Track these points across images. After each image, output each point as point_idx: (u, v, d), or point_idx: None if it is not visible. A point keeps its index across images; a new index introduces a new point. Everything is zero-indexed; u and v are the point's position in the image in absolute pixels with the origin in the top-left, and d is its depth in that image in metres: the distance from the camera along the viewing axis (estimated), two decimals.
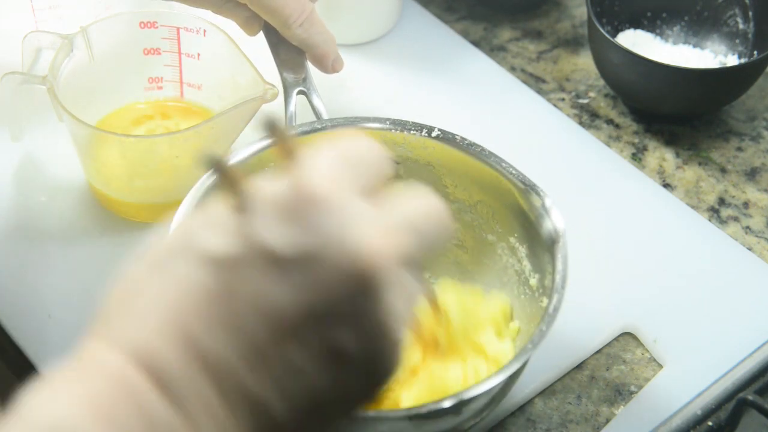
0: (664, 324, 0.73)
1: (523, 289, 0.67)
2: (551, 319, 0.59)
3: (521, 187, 0.65)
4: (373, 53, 0.91)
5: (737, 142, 0.87)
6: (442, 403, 0.56)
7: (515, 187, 0.66)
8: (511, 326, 0.68)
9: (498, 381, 0.57)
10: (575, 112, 0.89)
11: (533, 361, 0.68)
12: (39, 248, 0.76)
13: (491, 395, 0.60)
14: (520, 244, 0.67)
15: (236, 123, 0.74)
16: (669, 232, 0.79)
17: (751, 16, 0.89)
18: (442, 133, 0.69)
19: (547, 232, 0.63)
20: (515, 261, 0.68)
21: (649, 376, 0.71)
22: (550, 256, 0.63)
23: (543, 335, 0.58)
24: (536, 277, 0.65)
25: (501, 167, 0.67)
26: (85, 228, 0.77)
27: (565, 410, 0.69)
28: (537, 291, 0.65)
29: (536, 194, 0.65)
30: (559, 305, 0.59)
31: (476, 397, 0.57)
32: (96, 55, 0.77)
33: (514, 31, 0.96)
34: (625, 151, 0.86)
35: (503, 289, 0.69)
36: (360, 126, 0.70)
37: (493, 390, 0.59)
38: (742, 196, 0.83)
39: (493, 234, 0.69)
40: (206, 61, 0.79)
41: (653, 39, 0.91)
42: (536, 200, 0.64)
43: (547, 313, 0.59)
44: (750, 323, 0.73)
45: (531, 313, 0.65)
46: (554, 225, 0.63)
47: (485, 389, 0.57)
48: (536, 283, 0.65)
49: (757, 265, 0.77)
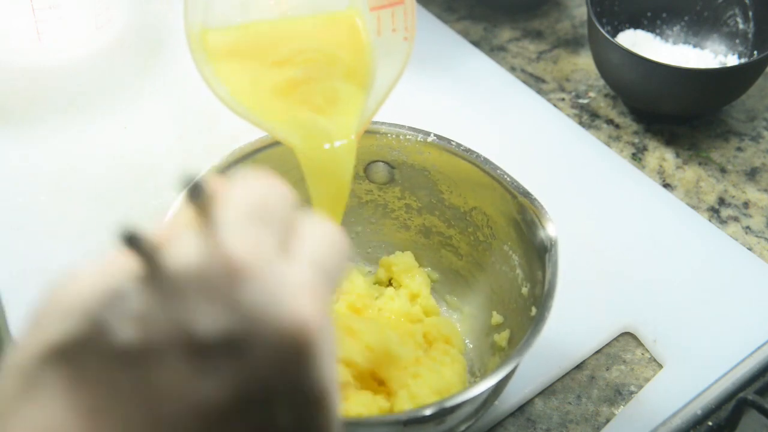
0: (664, 324, 0.73)
1: (515, 298, 0.67)
2: (538, 328, 0.58)
3: (515, 194, 0.65)
4: None
5: (737, 142, 0.87)
6: (423, 411, 0.55)
7: (510, 194, 0.65)
8: (502, 335, 0.68)
9: (483, 389, 0.57)
10: (575, 112, 0.89)
11: (533, 362, 0.68)
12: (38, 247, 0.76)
13: (477, 403, 0.60)
14: (513, 252, 0.67)
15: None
16: (669, 232, 0.79)
17: (751, 16, 0.89)
18: (438, 138, 0.69)
19: (540, 240, 0.63)
20: (508, 269, 0.68)
21: (649, 376, 0.71)
22: (541, 265, 0.62)
23: (529, 344, 0.58)
24: (528, 285, 0.65)
25: (496, 174, 0.66)
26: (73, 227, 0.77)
27: (565, 410, 0.69)
28: (528, 300, 0.64)
29: (530, 202, 0.64)
30: (546, 315, 0.59)
31: (460, 405, 0.57)
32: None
33: (514, 31, 0.96)
34: (625, 151, 0.86)
35: (495, 298, 0.69)
36: None
37: (479, 398, 0.59)
38: (742, 196, 0.83)
39: (487, 241, 0.69)
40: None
41: (653, 39, 0.91)
42: (530, 208, 0.64)
43: (535, 323, 0.59)
44: (750, 323, 0.73)
45: (521, 322, 0.65)
46: (547, 234, 0.62)
47: (469, 397, 0.56)
48: (528, 292, 0.65)
49: (757, 265, 0.77)
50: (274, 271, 0.36)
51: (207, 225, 0.37)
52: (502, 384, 0.61)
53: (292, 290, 0.36)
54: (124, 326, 0.34)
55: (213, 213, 0.37)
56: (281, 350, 0.35)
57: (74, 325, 0.35)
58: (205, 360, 0.34)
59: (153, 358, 0.34)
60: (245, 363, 0.35)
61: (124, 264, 0.36)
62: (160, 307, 0.35)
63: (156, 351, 0.34)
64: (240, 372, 0.35)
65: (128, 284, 0.35)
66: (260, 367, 0.35)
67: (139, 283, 0.35)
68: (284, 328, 0.35)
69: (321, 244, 0.40)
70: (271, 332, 0.35)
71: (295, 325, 0.36)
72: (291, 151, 0.60)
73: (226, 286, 0.35)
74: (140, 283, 0.35)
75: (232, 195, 0.38)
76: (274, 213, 0.39)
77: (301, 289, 0.37)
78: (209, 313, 0.35)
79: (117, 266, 0.36)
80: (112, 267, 0.36)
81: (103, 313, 0.35)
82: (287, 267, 0.37)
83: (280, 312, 0.35)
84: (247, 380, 0.35)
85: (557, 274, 0.61)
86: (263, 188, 0.39)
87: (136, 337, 0.34)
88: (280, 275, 0.36)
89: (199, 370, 0.34)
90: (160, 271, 0.35)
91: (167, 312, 0.35)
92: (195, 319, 0.34)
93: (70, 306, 0.35)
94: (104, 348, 0.34)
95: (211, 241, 0.36)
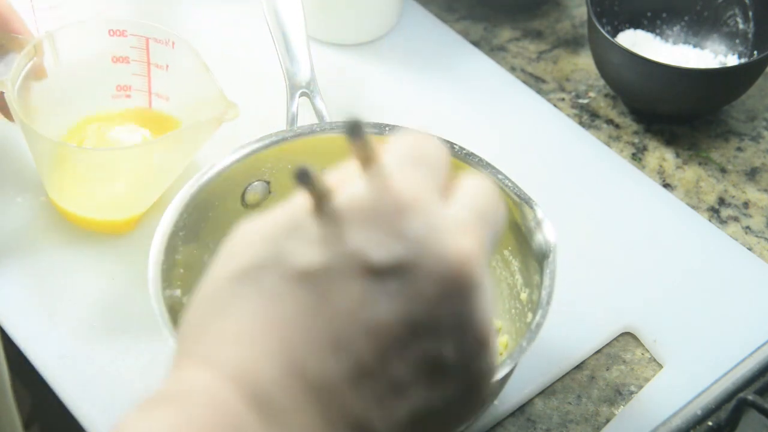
0: (664, 324, 0.73)
1: (513, 303, 0.67)
2: (533, 335, 0.58)
3: (515, 200, 0.65)
4: (373, 53, 0.91)
5: (737, 142, 0.87)
6: None
7: (510, 199, 0.65)
8: (499, 340, 0.68)
9: None
10: (575, 112, 0.89)
11: (533, 362, 0.68)
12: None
13: None
14: (513, 257, 0.67)
15: (193, 140, 0.73)
16: (669, 233, 0.79)
17: (751, 16, 0.89)
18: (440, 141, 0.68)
19: (539, 245, 0.62)
20: (508, 274, 0.67)
21: (649, 376, 0.71)
22: (540, 271, 0.62)
23: (523, 351, 0.58)
24: (527, 291, 0.65)
25: (497, 179, 0.66)
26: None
27: (565, 410, 0.69)
28: (527, 306, 0.64)
29: (529, 207, 0.64)
30: (542, 321, 0.59)
31: None
32: (62, 61, 0.76)
33: (514, 31, 0.96)
34: (625, 151, 0.86)
35: (494, 303, 0.69)
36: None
37: None
38: (742, 196, 0.83)
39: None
40: (174, 72, 0.78)
41: (653, 39, 0.91)
42: (529, 213, 0.64)
43: (530, 329, 0.59)
44: (750, 323, 0.73)
45: (519, 328, 0.65)
46: (545, 239, 0.62)
47: None
48: (526, 298, 0.65)
49: (757, 265, 0.77)
50: (438, 208, 0.39)
51: (373, 167, 0.40)
52: (497, 387, 0.61)
53: (454, 227, 0.39)
54: (305, 250, 0.38)
55: (378, 157, 0.40)
56: (446, 279, 0.38)
57: (259, 251, 0.39)
58: (378, 283, 0.38)
59: (331, 278, 0.38)
60: (414, 287, 0.38)
61: (300, 205, 0.39)
62: (336, 234, 0.38)
63: (334, 272, 0.38)
64: (409, 295, 0.38)
65: (306, 216, 0.39)
66: (427, 293, 0.38)
67: (317, 215, 0.39)
68: (449, 259, 0.38)
69: (477, 194, 0.42)
70: (436, 261, 0.38)
71: (459, 258, 0.38)
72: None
73: (395, 218, 0.38)
74: (317, 215, 0.39)
75: (393, 144, 0.42)
76: (433, 161, 0.42)
77: (463, 228, 0.39)
78: (381, 240, 0.38)
79: (295, 204, 0.40)
80: (291, 205, 0.40)
81: (284, 240, 0.39)
82: (449, 207, 0.40)
83: (445, 245, 0.38)
84: (415, 303, 0.38)
85: (555, 280, 0.61)
86: (422, 139, 0.43)
87: (316, 260, 0.38)
88: (444, 213, 0.39)
89: (373, 292, 0.38)
90: (334, 206, 0.38)
91: (343, 239, 0.38)
92: (368, 246, 0.38)
93: (256, 237, 0.39)
94: (288, 268, 0.38)
95: (379, 180, 0.39)
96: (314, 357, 0.37)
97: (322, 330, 0.38)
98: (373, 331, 0.38)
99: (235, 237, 0.40)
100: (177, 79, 0.78)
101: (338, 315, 0.38)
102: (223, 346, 0.38)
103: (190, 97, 0.76)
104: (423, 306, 0.38)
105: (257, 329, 0.38)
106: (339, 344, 0.37)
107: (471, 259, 0.38)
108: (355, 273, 0.38)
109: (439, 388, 0.39)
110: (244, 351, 0.38)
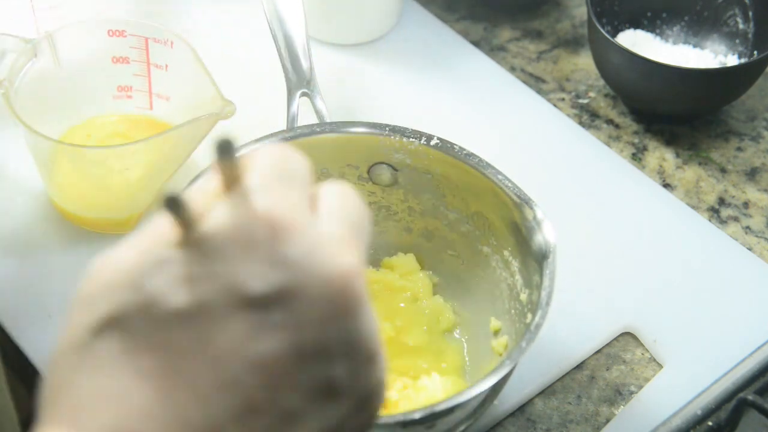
0: (664, 324, 0.73)
1: (513, 304, 0.67)
2: (533, 335, 0.58)
3: (516, 200, 0.65)
4: (373, 53, 0.91)
5: (737, 142, 0.87)
6: (412, 415, 0.55)
7: (510, 200, 0.65)
8: (499, 341, 0.68)
9: (474, 394, 0.57)
10: (575, 112, 0.89)
11: (533, 362, 0.68)
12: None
13: (469, 408, 0.60)
14: (513, 257, 0.67)
15: (190, 138, 0.73)
16: (669, 232, 0.79)
17: (751, 16, 0.89)
18: (441, 141, 0.68)
19: (538, 246, 0.62)
20: (508, 275, 0.67)
21: (649, 376, 0.71)
22: (539, 272, 0.62)
23: (522, 351, 0.58)
24: (526, 292, 0.65)
25: (497, 179, 0.66)
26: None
27: (565, 410, 0.69)
28: (526, 306, 0.64)
29: (529, 207, 0.64)
30: (542, 322, 0.59)
31: (452, 409, 0.57)
32: (62, 61, 0.76)
33: (514, 31, 0.96)
34: (625, 151, 0.86)
35: (495, 303, 0.69)
36: (358, 131, 0.70)
37: (470, 403, 0.59)
38: (742, 196, 0.83)
39: (488, 246, 0.69)
40: (174, 72, 0.78)
41: (653, 39, 0.91)
42: (529, 213, 0.64)
43: (529, 329, 0.59)
44: (750, 323, 0.73)
45: (518, 329, 0.65)
46: (545, 239, 0.62)
47: (459, 402, 0.56)
48: (526, 298, 0.65)
49: (757, 265, 0.77)
50: (311, 228, 0.37)
51: (238, 190, 0.37)
52: (496, 388, 0.61)
53: (331, 243, 0.37)
54: (174, 290, 0.35)
55: (241, 178, 0.38)
56: (332, 301, 0.36)
57: (123, 297, 0.35)
58: (260, 315, 0.35)
59: (208, 316, 0.35)
60: (299, 314, 0.36)
61: (162, 234, 0.37)
62: (207, 268, 0.35)
63: (210, 310, 0.35)
64: (295, 323, 0.36)
65: (170, 251, 0.36)
66: (313, 317, 0.36)
67: (182, 248, 0.36)
68: (333, 280, 0.36)
69: (342, 202, 0.40)
70: (319, 283, 0.36)
71: (342, 277, 0.36)
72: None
73: (270, 242, 0.36)
74: (183, 249, 0.36)
75: (254, 162, 0.39)
76: (298, 175, 0.40)
77: (339, 243, 0.38)
78: (258, 269, 0.35)
79: (155, 237, 0.37)
80: (150, 238, 0.37)
81: (150, 281, 0.35)
82: (321, 223, 0.38)
83: (326, 265, 0.36)
84: (302, 331, 0.36)
85: (555, 281, 0.61)
86: (281, 153, 0.40)
87: (189, 299, 0.35)
88: (318, 230, 0.37)
89: (256, 325, 0.35)
90: (202, 235, 0.36)
91: (215, 272, 0.35)
92: (244, 277, 0.35)
93: (115, 281, 0.36)
94: (157, 313, 0.35)
95: (246, 203, 0.37)
96: (198, 403, 0.35)
97: (205, 373, 0.35)
98: (260, 367, 0.35)
99: (92, 277, 0.37)
100: (176, 80, 0.78)
101: (221, 355, 0.35)
102: (95, 408, 0.35)
103: (189, 98, 0.76)
104: (311, 332, 0.36)
105: (130, 384, 0.35)
106: (225, 385, 0.35)
107: (353, 275, 0.37)
108: (234, 308, 0.35)
109: (333, 408, 0.37)
110: (118, 409, 0.34)
